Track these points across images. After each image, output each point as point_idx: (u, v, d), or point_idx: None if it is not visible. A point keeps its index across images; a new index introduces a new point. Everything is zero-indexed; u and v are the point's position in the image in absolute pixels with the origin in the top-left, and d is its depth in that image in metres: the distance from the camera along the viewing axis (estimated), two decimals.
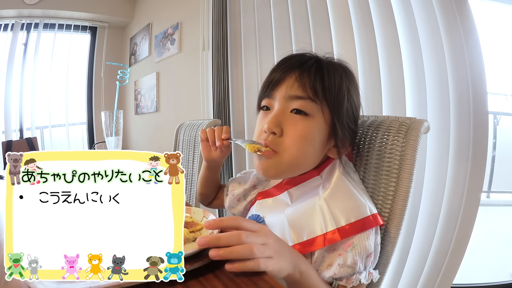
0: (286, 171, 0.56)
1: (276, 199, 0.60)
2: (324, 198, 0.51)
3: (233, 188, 0.71)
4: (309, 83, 0.52)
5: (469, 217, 0.85)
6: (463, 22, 0.83)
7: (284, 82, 0.54)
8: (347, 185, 0.53)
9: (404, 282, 0.99)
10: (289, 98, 0.53)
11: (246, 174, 0.73)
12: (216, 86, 1.67)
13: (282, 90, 0.54)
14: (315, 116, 0.53)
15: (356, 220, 0.49)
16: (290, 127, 0.53)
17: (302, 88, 0.52)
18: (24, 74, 2.90)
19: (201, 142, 0.70)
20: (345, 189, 0.52)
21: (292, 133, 0.52)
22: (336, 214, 0.49)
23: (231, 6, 1.62)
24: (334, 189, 0.52)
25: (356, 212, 0.50)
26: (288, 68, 0.54)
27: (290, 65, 0.55)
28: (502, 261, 1.75)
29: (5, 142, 2.33)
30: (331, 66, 0.55)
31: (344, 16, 1.09)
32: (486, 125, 0.83)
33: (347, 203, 0.51)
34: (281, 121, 0.53)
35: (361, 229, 0.49)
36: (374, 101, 1.02)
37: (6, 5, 2.65)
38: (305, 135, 0.52)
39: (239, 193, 0.69)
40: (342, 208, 0.50)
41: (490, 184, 2.66)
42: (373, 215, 0.50)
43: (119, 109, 1.04)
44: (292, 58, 0.57)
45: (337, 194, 0.52)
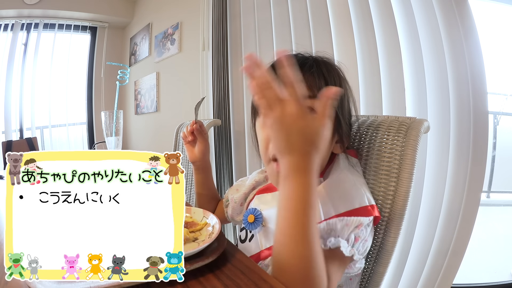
0: None
1: (275, 194, 0.60)
2: (323, 187, 0.51)
3: (232, 195, 0.71)
4: (314, 83, 0.53)
5: (469, 217, 0.85)
6: (463, 22, 0.83)
7: None
8: (348, 177, 0.53)
9: (404, 282, 0.99)
10: None
11: (242, 181, 0.74)
12: (216, 86, 1.67)
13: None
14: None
15: (354, 208, 0.48)
16: None
17: (309, 89, 0.53)
18: (24, 74, 2.90)
19: (185, 145, 0.73)
20: (345, 180, 0.52)
21: None
22: (335, 202, 0.49)
23: (231, 6, 1.62)
24: (333, 180, 0.52)
25: (355, 201, 0.49)
26: None
27: None
28: (502, 261, 1.75)
29: (5, 142, 2.33)
30: (328, 66, 0.56)
31: (344, 16, 1.09)
32: (486, 125, 0.83)
33: (347, 192, 0.50)
34: None
35: (358, 215, 0.48)
36: (374, 101, 1.01)
37: (6, 5, 2.65)
38: None
39: (240, 197, 0.69)
40: (341, 196, 0.50)
41: (490, 184, 2.66)
42: (371, 206, 0.50)
43: (119, 109, 1.04)
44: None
45: (336, 184, 0.52)
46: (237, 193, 0.70)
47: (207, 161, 0.74)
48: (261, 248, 0.54)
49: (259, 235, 0.56)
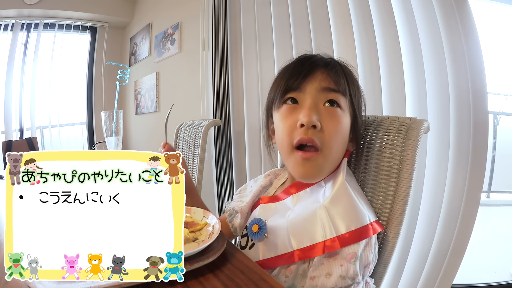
0: (326, 170, 0.55)
1: (281, 203, 0.60)
2: (324, 206, 0.51)
3: (239, 206, 0.67)
4: (338, 79, 0.54)
5: (469, 217, 0.85)
6: (463, 22, 0.83)
7: (314, 75, 0.55)
8: (349, 192, 0.52)
9: (404, 282, 0.99)
10: (322, 90, 0.53)
11: (241, 191, 0.72)
12: (216, 86, 1.67)
13: (315, 82, 0.54)
14: (345, 109, 0.55)
15: (356, 229, 0.48)
16: (327, 120, 0.52)
17: (335, 82, 0.54)
18: (24, 74, 2.90)
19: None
20: (346, 196, 0.52)
21: (331, 127, 0.52)
22: (336, 222, 0.49)
23: (231, 6, 1.62)
24: (335, 196, 0.52)
25: (357, 220, 0.49)
26: (315, 64, 0.56)
27: (316, 62, 0.56)
28: (502, 261, 1.75)
29: (5, 142, 2.33)
30: (347, 68, 0.59)
31: (344, 16, 1.09)
32: (486, 125, 0.83)
33: (348, 211, 0.50)
34: (318, 114, 0.52)
35: (360, 237, 0.48)
36: (374, 101, 1.01)
37: (6, 5, 2.65)
38: (341, 128, 0.54)
39: (248, 205, 0.66)
40: (342, 215, 0.49)
41: (490, 184, 2.66)
42: (372, 224, 0.50)
43: (119, 109, 1.04)
44: (313, 56, 0.59)
45: (338, 201, 0.51)
46: (243, 202, 0.68)
47: (188, 181, 0.71)
48: (259, 258, 0.54)
49: (260, 245, 0.55)
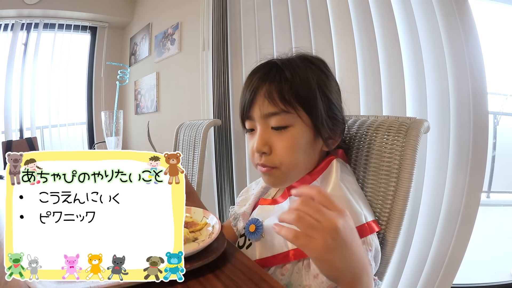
0: (289, 178, 0.58)
1: (279, 206, 0.60)
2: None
3: (243, 209, 0.68)
4: (278, 96, 0.53)
5: (469, 217, 0.85)
6: (463, 22, 0.83)
7: (255, 101, 0.55)
8: (343, 193, 0.52)
9: (404, 282, 0.99)
10: (265, 117, 0.55)
11: (243, 194, 0.73)
12: (216, 86, 1.67)
13: (257, 111, 0.55)
14: (294, 124, 0.54)
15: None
16: (276, 143, 0.55)
17: (273, 103, 0.53)
18: (24, 74, 2.90)
19: None
20: (340, 197, 0.52)
21: (280, 148, 0.54)
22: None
23: (231, 6, 1.62)
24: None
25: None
26: (256, 86, 0.55)
27: (256, 81, 0.56)
28: (502, 261, 1.75)
29: (5, 142, 2.32)
30: (294, 66, 0.55)
31: (344, 16, 1.09)
32: (486, 125, 0.83)
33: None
34: (267, 139, 0.55)
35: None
36: (374, 101, 1.01)
37: (6, 5, 2.65)
38: (291, 146, 0.54)
39: (251, 207, 0.67)
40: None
41: (490, 184, 2.66)
42: (368, 223, 0.50)
43: (119, 109, 1.04)
44: (256, 72, 0.58)
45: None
46: (246, 206, 0.68)
47: (187, 185, 0.72)
48: (256, 257, 0.54)
49: (257, 245, 0.56)
